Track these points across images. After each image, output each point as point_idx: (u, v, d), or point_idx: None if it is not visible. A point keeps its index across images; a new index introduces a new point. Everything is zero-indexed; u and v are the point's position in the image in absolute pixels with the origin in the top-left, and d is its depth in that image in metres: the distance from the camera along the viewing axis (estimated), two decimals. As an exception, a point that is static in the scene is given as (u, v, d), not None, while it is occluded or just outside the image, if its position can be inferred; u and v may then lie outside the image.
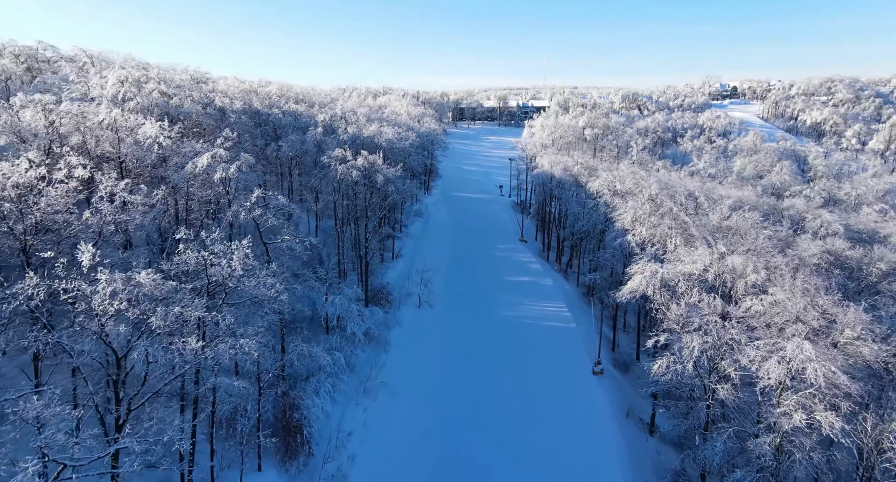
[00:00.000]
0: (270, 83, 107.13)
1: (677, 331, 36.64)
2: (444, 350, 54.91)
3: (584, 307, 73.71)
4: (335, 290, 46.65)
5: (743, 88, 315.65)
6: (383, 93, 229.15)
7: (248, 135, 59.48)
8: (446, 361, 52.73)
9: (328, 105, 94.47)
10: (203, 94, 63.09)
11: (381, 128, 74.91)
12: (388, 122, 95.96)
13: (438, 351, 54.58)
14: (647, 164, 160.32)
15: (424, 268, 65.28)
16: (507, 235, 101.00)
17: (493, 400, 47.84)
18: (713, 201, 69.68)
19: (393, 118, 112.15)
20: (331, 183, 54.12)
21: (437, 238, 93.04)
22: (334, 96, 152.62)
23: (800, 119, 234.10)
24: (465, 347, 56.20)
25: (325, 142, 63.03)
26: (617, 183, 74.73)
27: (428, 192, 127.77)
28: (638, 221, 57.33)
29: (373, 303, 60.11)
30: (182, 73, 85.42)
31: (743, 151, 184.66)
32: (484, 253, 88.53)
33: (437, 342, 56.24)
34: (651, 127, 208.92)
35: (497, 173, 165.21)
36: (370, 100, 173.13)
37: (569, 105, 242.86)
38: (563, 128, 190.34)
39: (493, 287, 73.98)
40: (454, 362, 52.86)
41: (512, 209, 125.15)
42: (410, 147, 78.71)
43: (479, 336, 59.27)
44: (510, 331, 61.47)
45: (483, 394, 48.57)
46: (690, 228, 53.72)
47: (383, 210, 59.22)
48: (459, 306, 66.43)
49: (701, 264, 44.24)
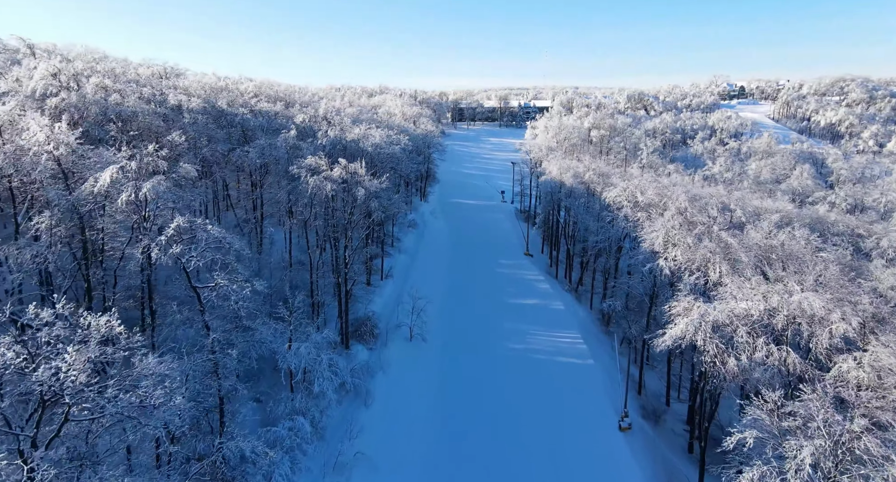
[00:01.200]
0: (252, 80, 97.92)
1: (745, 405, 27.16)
2: (439, 400, 45.38)
3: (601, 336, 64.24)
4: (302, 333, 37.20)
5: (751, 88, 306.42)
6: (379, 92, 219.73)
7: (207, 139, 50.17)
8: (441, 416, 43.20)
9: (311, 104, 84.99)
10: (157, 90, 53.77)
11: (368, 130, 65.53)
12: (378, 124, 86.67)
13: (432, 402, 45.04)
14: (657, 167, 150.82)
15: (417, 296, 55.77)
16: (511, 248, 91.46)
17: (498, 468, 38.44)
18: (751, 215, 60.29)
19: (386, 119, 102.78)
20: (302, 198, 44.73)
21: (433, 253, 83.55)
22: (323, 95, 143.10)
23: (813, 120, 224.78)
24: (464, 395, 46.69)
25: (300, 147, 53.75)
26: (638, 193, 65.28)
27: (424, 199, 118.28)
28: (671, 243, 47.86)
29: (355, 338, 50.65)
30: (146, 68, 75.95)
31: (757, 154, 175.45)
32: (485, 270, 79.02)
33: (431, 389, 46.71)
34: (659, 128, 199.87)
35: (498, 177, 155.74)
36: (364, 99, 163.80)
37: (572, 105, 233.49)
38: (567, 129, 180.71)
39: (497, 312, 64.53)
40: (451, 417, 43.34)
41: (515, 217, 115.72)
42: (402, 152, 69.27)
43: (480, 378, 49.78)
44: (517, 371, 52.02)
45: (486, 459, 39.17)
46: (736, 252, 44.25)
47: (367, 228, 49.73)
48: (457, 338, 56.96)
49: (762, 304, 34.80)
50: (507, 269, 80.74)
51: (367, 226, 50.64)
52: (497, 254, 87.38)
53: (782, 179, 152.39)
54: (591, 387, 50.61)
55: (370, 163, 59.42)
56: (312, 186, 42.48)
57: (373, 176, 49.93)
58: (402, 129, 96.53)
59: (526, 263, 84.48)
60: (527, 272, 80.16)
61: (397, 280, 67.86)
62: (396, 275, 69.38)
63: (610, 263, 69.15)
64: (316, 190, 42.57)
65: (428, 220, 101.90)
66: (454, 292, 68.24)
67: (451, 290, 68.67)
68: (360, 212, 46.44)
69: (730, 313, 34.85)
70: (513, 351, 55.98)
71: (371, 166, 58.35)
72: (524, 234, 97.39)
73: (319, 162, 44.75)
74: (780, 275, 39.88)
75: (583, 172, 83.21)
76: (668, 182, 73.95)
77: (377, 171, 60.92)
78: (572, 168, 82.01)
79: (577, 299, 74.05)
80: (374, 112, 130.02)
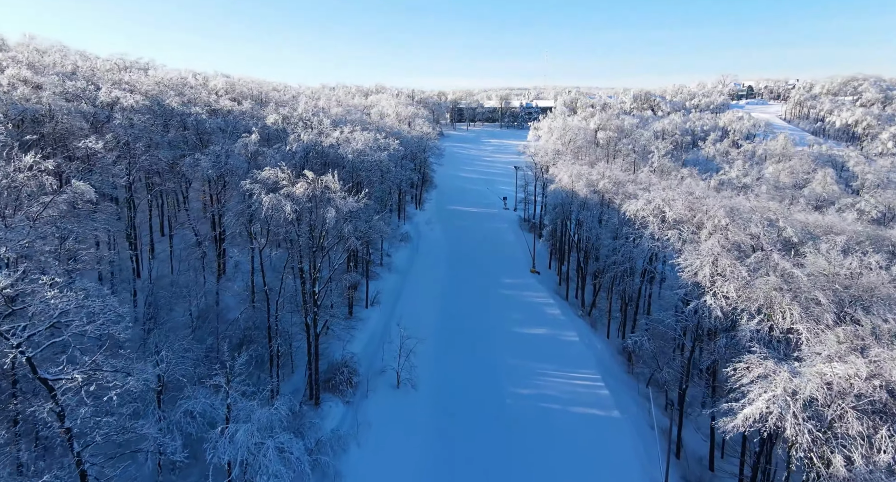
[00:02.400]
0: (229, 77, 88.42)
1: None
2: (432, 476, 35.89)
3: (623, 375, 54.72)
4: (245, 408, 27.67)
5: (759, 88, 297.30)
6: (375, 91, 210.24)
7: (146, 144, 40.66)
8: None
9: (290, 103, 75.26)
10: (93, 83, 44.37)
11: (351, 133, 56.05)
12: (367, 126, 77.29)
13: (422, 478, 35.55)
14: (669, 171, 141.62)
15: (407, 334, 46.27)
16: (516, 264, 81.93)
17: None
18: (804, 234, 50.77)
19: (377, 121, 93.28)
20: (256, 220, 35.25)
21: (427, 271, 74.00)
22: (311, 93, 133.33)
23: (827, 120, 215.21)
24: (464, 466, 37.25)
25: (264, 154, 44.36)
26: (666, 207, 55.82)
27: (420, 207, 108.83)
28: (720, 275, 38.39)
29: (328, 390, 41.15)
30: (105, 61, 66.45)
31: (773, 157, 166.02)
32: (487, 291, 69.47)
33: (421, 460, 37.19)
34: (668, 129, 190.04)
35: (500, 181, 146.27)
36: (357, 99, 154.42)
37: (576, 105, 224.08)
38: (572, 130, 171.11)
39: (501, 345, 55.08)
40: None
41: (519, 227, 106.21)
42: (390, 159, 59.70)
43: (482, 439, 40.33)
44: (527, 428, 42.51)
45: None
46: (809, 289, 34.74)
47: (347, 250, 40.19)
48: (454, 382, 47.47)
49: (866, 368, 25.34)
50: (512, 290, 71.22)
51: (347, 248, 41.08)
52: (500, 271, 77.92)
53: (802, 184, 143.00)
54: (618, 449, 41.15)
55: (351, 173, 49.88)
56: (268, 207, 33.08)
57: (351, 190, 40.38)
58: (393, 131, 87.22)
59: (532, 282, 74.96)
60: (534, 294, 70.62)
61: (385, 308, 58.34)
62: (384, 301, 59.86)
63: (632, 289, 59.70)
64: (272, 211, 33.18)
65: (423, 231, 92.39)
66: (451, 321, 58.74)
67: (447, 319, 59.18)
68: (333, 236, 36.95)
69: (823, 384, 25.37)
70: (521, 399, 46.50)
71: (352, 177, 48.82)
72: (530, 247, 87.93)
73: (280, 175, 35.27)
74: (876, 323, 30.37)
75: (596, 180, 73.69)
76: (700, 192, 64.41)
77: (361, 182, 51.44)
78: (584, 175, 72.54)
79: (592, 326, 64.61)
80: (367, 112, 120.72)
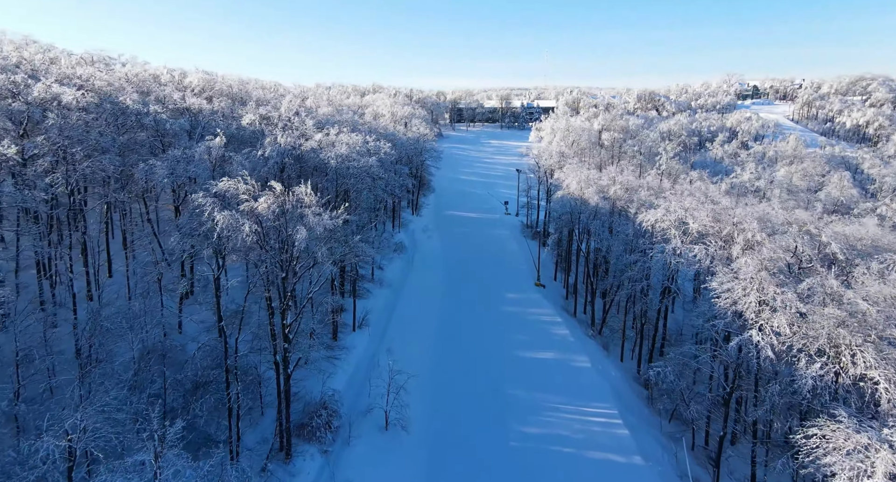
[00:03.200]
0: (209, 74, 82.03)
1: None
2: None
3: (642, 409, 48.52)
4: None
5: (764, 88, 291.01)
6: (373, 91, 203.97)
7: (91, 148, 34.48)
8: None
9: (272, 102, 68.85)
10: (32, 76, 38.25)
11: (337, 135, 49.85)
12: (359, 127, 71.14)
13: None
14: (678, 174, 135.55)
15: (397, 368, 40.16)
16: (519, 277, 75.75)
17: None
18: (849, 249, 44.67)
19: (370, 122, 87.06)
20: (209, 243, 29.01)
21: (423, 285, 67.80)
22: (301, 92, 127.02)
23: (837, 121, 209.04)
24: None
25: (232, 161, 38.19)
26: (689, 218, 49.68)
27: (416, 212, 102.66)
28: (767, 305, 32.25)
29: (302, 437, 35.00)
30: (70, 56, 60.35)
31: (784, 158, 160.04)
32: (488, 309, 63.34)
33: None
34: (674, 130, 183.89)
35: (501, 184, 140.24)
36: (352, 98, 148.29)
37: (579, 105, 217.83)
38: (576, 131, 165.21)
39: (504, 373, 49.00)
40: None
41: (521, 234, 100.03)
42: (381, 164, 53.41)
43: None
44: (536, 476, 36.52)
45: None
46: (879, 327, 28.60)
47: (320, 278, 33.95)
48: (452, 422, 41.31)
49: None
50: (515, 306, 65.11)
51: (322, 273, 34.81)
52: (502, 284, 71.78)
53: (816, 187, 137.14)
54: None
55: (335, 181, 43.72)
56: (222, 225, 26.96)
57: (333, 202, 34.18)
58: (387, 133, 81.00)
59: (537, 298, 68.80)
60: (539, 311, 64.50)
61: (375, 330, 52.15)
62: (374, 322, 53.69)
63: (651, 308, 53.63)
64: (228, 231, 27.08)
65: (419, 239, 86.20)
66: (448, 346, 52.58)
67: (444, 343, 53.03)
68: (306, 260, 30.78)
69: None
70: (528, 440, 40.38)
71: (336, 185, 42.67)
72: (534, 257, 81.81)
73: (240, 187, 29.13)
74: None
75: (607, 186, 67.57)
76: (727, 202, 58.30)
77: (348, 190, 45.27)
78: (594, 181, 66.39)
79: (604, 348, 58.51)
80: (360, 113, 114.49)
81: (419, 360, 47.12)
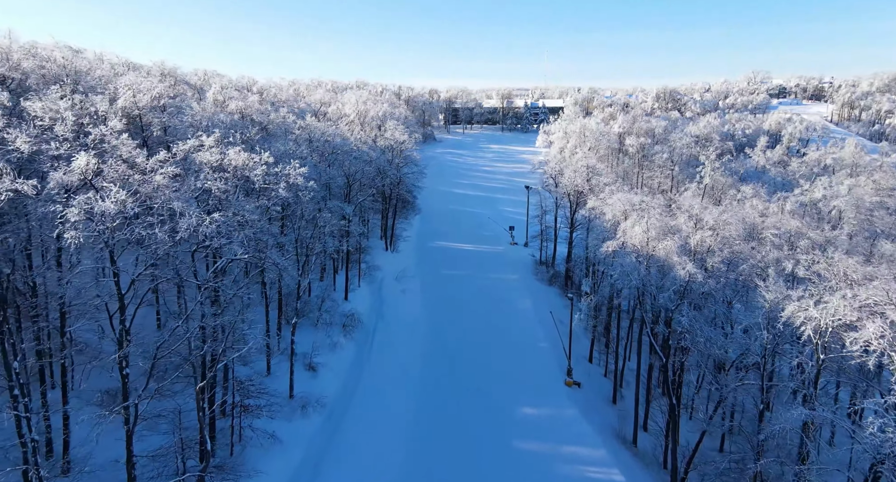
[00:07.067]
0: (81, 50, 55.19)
1: None
2: None
3: None
4: None
5: (791, 86, 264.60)
6: (356, 87, 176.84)
7: None
8: None
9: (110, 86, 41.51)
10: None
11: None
12: (288, 131, 44.50)
13: None
14: (724, 189, 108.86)
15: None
16: (538, 365, 48.61)
17: None
18: None
19: (322, 127, 59.95)
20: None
21: (381, 406, 40.61)
22: (260, 88, 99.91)
23: (887, 123, 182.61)
24: None
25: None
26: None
27: (392, 247, 75.56)
28: None
29: None
30: None
31: (843, 168, 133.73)
32: (494, 449, 36.44)
33: None
34: (704, 133, 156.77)
35: (503, 200, 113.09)
36: (320, 94, 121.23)
37: (591, 106, 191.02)
38: (592, 135, 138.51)
39: None
40: None
41: (535, 277, 73.03)
42: (296, 201, 25.96)
43: None
44: None
45: None
46: None
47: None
48: None
49: None
50: (536, 441, 38.02)
51: None
52: (513, 385, 44.76)
53: (891, 203, 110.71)
54: None
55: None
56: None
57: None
58: (341, 143, 54.22)
59: (572, 411, 41.80)
60: (579, 446, 37.50)
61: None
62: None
63: None
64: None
65: (389, 297, 58.85)
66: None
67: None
68: None
69: None
70: None
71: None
72: (559, 330, 54.56)
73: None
74: None
75: (688, 234, 40.59)
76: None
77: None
78: (673, 230, 39.49)
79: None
80: (323, 112, 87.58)
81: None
